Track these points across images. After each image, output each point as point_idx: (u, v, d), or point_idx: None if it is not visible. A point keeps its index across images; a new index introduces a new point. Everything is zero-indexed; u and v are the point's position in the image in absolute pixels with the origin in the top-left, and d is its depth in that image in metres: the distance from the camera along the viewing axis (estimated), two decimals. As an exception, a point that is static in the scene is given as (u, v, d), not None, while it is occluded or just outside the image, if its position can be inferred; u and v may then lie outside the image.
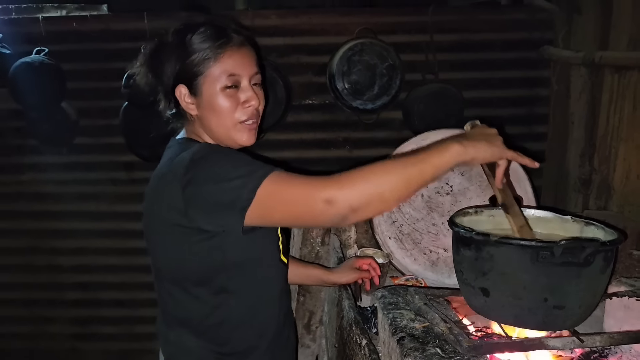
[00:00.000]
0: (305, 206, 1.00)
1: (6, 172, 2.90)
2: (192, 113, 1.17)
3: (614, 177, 2.11)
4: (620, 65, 2.08)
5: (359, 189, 0.98)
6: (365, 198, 0.98)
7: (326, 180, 1.00)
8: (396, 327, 1.11)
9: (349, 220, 1.01)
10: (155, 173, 1.17)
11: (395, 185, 0.99)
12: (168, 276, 1.19)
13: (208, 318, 1.18)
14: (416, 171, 1.00)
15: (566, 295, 1.02)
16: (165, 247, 1.15)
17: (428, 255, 1.72)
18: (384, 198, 1.00)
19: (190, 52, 1.13)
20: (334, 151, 2.85)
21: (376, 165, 1.01)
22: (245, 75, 1.16)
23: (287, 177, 1.03)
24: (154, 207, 1.14)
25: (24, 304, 3.05)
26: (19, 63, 2.57)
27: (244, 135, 1.17)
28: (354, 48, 2.56)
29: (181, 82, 1.14)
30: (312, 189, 1.00)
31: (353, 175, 1.00)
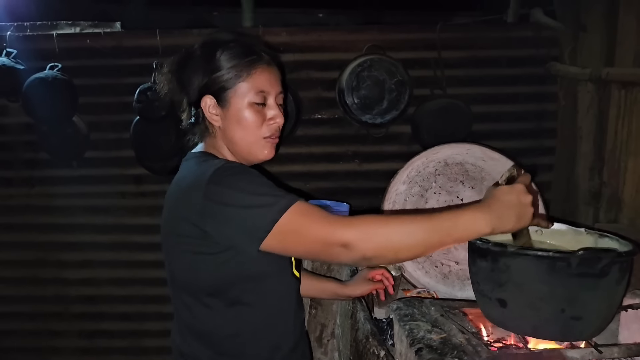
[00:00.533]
0: (322, 246, 1.02)
1: (16, 185, 2.92)
2: (216, 124, 1.19)
3: (624, 190, 2.12)
4: (627, 81, 2.11)
5: (377, 241, 1.00)
6: (380, 251, 1.01)
7: (347, 224, 1.01)
8: (413, 339, 1.11)
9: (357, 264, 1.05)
10: (173, 185, 1.19)
11: (413, 248, 1.01)
12: (183, 287, 1.19)
13: (222, 330, 1.18)
14: (437, 239, 1.01)
15: (583, 306, 1.03)
16: (181, 258, 1.16)
17: (440, 268, 1.72)
18: (398, 256, 1.03)
19: (220, 66, 1.16)
20: (343, 165, 2.86)
21: (399, 222, 1.02)
22: (272, 93, 1.20)
23: (307, 213, 1.04)
24: (172, 219, 1.15)
25: (31, 317, 3.04)
26: (32, 78, 2.61)
27: (265, 150, 1.21)
28: (363, 64, 2.59)
29: (208, 93, 1.17)
30: (331, 230, 1.01)
31: (374, 224, 1.02)
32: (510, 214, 1.01)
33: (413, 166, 1.72)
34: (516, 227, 1.02)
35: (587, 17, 2.36)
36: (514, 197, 1.02)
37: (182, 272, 1.18)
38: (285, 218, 1.01)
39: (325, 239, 1.01)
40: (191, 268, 1.15)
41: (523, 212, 1.02)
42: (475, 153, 1.70)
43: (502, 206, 1.01)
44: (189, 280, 1.17)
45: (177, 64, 1.21)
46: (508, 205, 1.01)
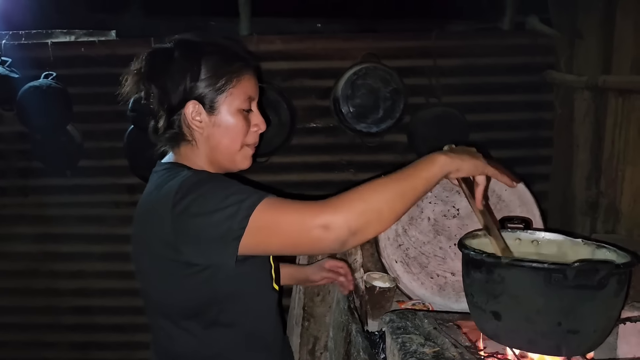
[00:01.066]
0: (302, 233, 0.97)
1: (10, 195, 2.90)
2: (198, 131, 1.12)
3: (622, 200, 2.09)
4: (624, 89, 2.09)
5: (356, 209, 0.97)
6: (363, 218, 0.97)
7: (321, 205, 0.98)
8: (406, 352, 1.09)
9: (348, 244, 0.98)
10: (141, 201, 1.13)
11: (391, 202, 1.00)
12: (157, 308, 1.15)
13: (200, 352, 1.13)
14: (409, 185, 1.02)
15: (580, 319, 1.00)
16: (154, 279, 1.11)
17: (435, 279, 1.69)
18: (382, 216, 0.99)
19: (207, 71, 1.11)
20: (337, 174, 2.85)
21: (369, 185, 1.01)
22: (256, 99, 1.18)
23: (280, 203, 1.00)
24: (143, 237, 1.10)
25: (22, 329, 3.00)
26: (27, 87, 2.59)
27: (246, 159, 1.18)
28: (358, 72, 2.58)
29: (193, 98, 1.10)
30: (306, 215, 0.97)
31: (348, 196, 0.99)
32: (464, 156, 1.07)
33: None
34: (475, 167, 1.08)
35: (584, 24, 2.35)
36: (458, 148, 1.12)
37: (156, 293, 1.13)
38: (257, 212, 0.97)
39: (302, 225, 0.97)
40: (166, 290, 1.09)
41: (474, 155, 1.09)
42: (470, 161, 1.68)
43: (453, 151, 1.09)
44: (164, 303, 1.12)
45: (151, 67, 1.12)
46: (460, 151, 1.10)
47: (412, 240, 1.69)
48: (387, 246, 1.68)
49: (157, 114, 1.14)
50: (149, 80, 1.13)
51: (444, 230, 1.70)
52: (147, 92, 1.13)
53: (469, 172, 1.08)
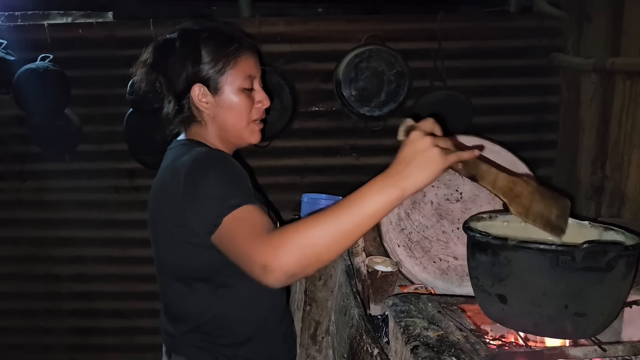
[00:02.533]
0: (246, 265, 0.99)
1: (7, 179, 2.88)
2: (206, 112, 1.22)
3: (627, 184, 2.07)
4: (633, 71, 2.05)
5: (294, 254, 0.93)
6: (300, 263, 0.93)
7: (264, 244, 0.96)
8: (409, 336, 1.07)
9: (288, 283, 0.98)
10: (159, 175, 1.23)
11: (331, 244, 0.93)
12: (171, 272, 1.24)
13: (209, 311, 1.22)
14: (350, 224, 0.93)
15: (587, 301, 0.98)
16: (168, 246, 1.20)
17: (438, 263, 1.67)
18: (321, 258, 0.94)
19: (207, 56, 1.19)
20: (340, 158, 2.82)
21: (306, 222, 0.95)
22: (257, 76, 1.26)
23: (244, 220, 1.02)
24: (159, 207, 1.20)
25: (22, 314, 3.00)
26: (23, 69, 2.56)
27: (254, 134, 1.28)
28: (361, 55, 2.54)
29: (197, 82, 1.20)
30: (252, 250, 0.97)
31: (287, 238, 0.94)
32: (414, 169, 0.91)
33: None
34: (428, 177, 0.91)
35: (592, 5, 2.31)
36: (409, 149, 0.92)
37: (170, 259, 1.23)
38: (229, 217, 1.02)
39: (246, 258, 0.98)
40: (180, 255, 1.19)
41: (426, 159, 0.91)
42: (475, 145, 1.65)
43: (403, 164, 0.92)
44: (178, 267, 1.22)
45: (155, 57, 1.22)
46: (408, 161, 0.92)
47: (414, 225, 1.67)
48: (389, 230, 1.66)
49: (166, 100, 1.26)
50: (155, 70, 1.23)
51: (447, 214, 1.68)
52: (155, 82, 1.24)
53: (428, 183, 0.93)
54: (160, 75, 1.23)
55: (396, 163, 0.94)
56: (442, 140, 0.94)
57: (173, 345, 1.29)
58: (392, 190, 0.91)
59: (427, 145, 0.91)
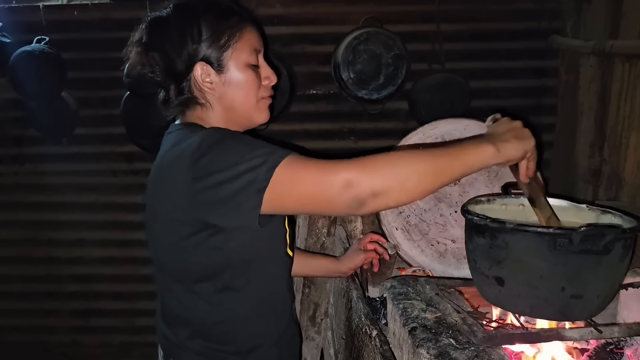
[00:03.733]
0: (323, 188, 0.92)
1: (5, 163, 2.88)
2: (210, 93, 1.10)
3: (625, 168, 2.07)
4: (632, 54, 2.04)
5: (384, 173, 0.91)
6: (388, 183, 0.91)
7: (347, 162, 0.93)
8: (407, 318, 1.08)
9: (366, 207, 0.92)
10: (157, 162, 1.10)
11: (422, 176, 0.93)
12: (169, 272, 1.13)
13: (211, 316, 1.12)
14: (447, 166, 0.94)
15: (584, 284, 0.99)
16: (167, 242, 1.09)
17: (435, 246, 1.69)
18: (408, 187, 0.93)
19: (207, 30, 1.07)
20: (338, 142, 2.82)
21: (405, 152, 0.94)
22: (261, 51, 1.15)
23: (305, 159, 0.95)
24: (158, 198, 1.08)
25: (23, 297, 3.02)
26: (19, 52, 2.54)
27: (263, 113, 1.16)
28: (360, 37, 2.52)
29: (200, 60, 1.08)
30: (331, 169, 0.92)
31: (377, 158, 0.93)
32: (509, 137, 0.97)
33: (409, 142, 1.67)
34: (519, 148, 0.97)
35: (592, -13, 2.28)
36: (505, 125, 1.01)
37: (169, 257, 1.11)
38: (283, 164, 0.93)
39: (326, 179, 0.91)
40: (180, 254, 1.07)
41: (520, 134, 0.99)
42: (473, 129, 1.65)
43: (498, 133, 0.99)
44: (177, 266, 1.10)
45: (150, 36, 1.09)
46: (503, 131, 0.99)
47: (412, 208, 1.68)
48: (387, 213, 1.67)
49: (165, 84, 1.11)
50: (151, 49, 1.09)
51: (444, 198, 1.68)
52: (152, 63, 1.09)
53: (519, 159, 0.99)
54: (158, 55, 1.08)
55: (493, 131, 1.00)
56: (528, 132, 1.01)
57: (172, 351, 1.18)
58: (489, 146, 0.96)
59: (520, 125, 1.01)
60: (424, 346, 0.96)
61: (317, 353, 1.90)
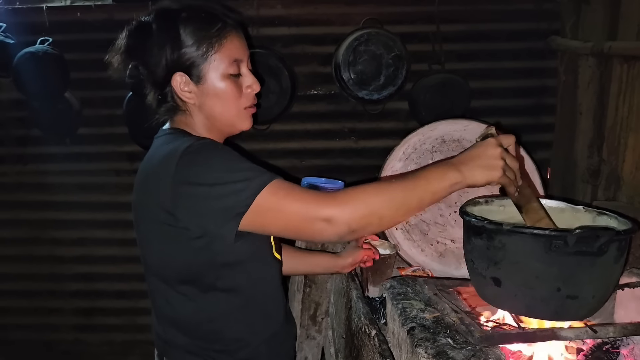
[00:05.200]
0: (304, 222, 0.99)
1: (8, 162, 2.89)
2: (190, 102, 1.11)
3: (623, 168, 2.09)
4: (630, 55, 2.06)
5: (360, 211, 0.99)
6: (364, 220, 0.99)
7: (328, 198, 0.99)
8: (406, 318, 1.10)
9: (343, 239, 1.02)
10: (143, 165, 1.12)
11: (394, 210, 1.00)
12: (156, 273, 1.15)
13: (198, 316, 1.14)
14: (415, 197, 1.00)
15: (579, 285, 1.00)
16: (152, 243, 1.12)
17: (435, 246, 1.70)
18: (382, 221, 1.01)
19: (187, 39, 1.07)
20: (339, 142, 2.83)
21: (376, 187, 1.02)
22: (244, 60, 1.14)
23: (288, 188, 1.01)
24: (143, 201, 1.10)
25: (26, 295, 3.05)
26: (22, 53, 2.56)
27: (246, 121, 1.16)
28: (360, 38, 2.54)
29: (178, 70, 1.08)
30: (312, 205, 0.99)
31: (353, 195, 1.00)
32: (475, 165, 1.00)
33: (409, 143, 1.69)
34: (484, 178, 1.00)
35: (590, -12, 2.30)
36: (481, 150, 1.01)
37: (154, 258, 1.13)
38: (263, 195, 0.97)
39: (307, 215, 0.98)
40: (163, 255, 1.10)
41: (489, 164, 1.00)
42: (473, 129, 1.67)
43: (468, 158, 1.01)
44: (161, 267, 1.13)
45: (130, 43, 1.10)
46: (473, 157, 1.01)
47: (412, 208, 1.69)
48: (387, 214, 1.68)
49: (147, 91, 1.14)
50: (131, 57, 1.11)
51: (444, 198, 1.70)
52: (132, 73, 1.12)
53: (480, 183, 1.01)
54: (138, 63, 1.11)
55: (465, 155, 1.03)
56: (510, 158, 1.02)
57: (164, 350, 1.20)
58: (455, 174, 1.00)
59: (495, 154, 1.00)
60: (422, 346, 0.98)
61: (317, 352, 1.92)
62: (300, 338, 1.86)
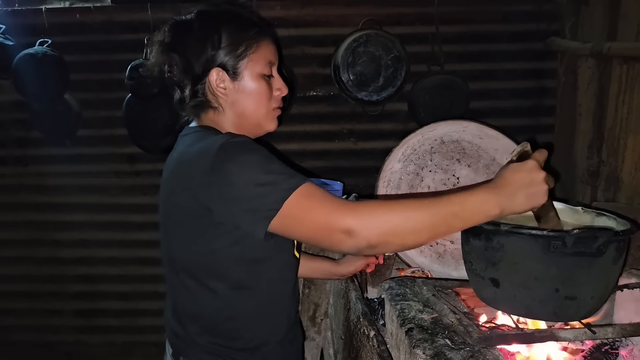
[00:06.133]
0: (325, 232, 0.97)
1: (9, 164, 2.89)
2: (223, 98, 1.15)
3: (623, 169, 2.09)
4: (629, 56, 2.06)
5: (381, 228, 0.95)
6: (384, 237, 0.95)
7: (351, 209, 0.96)
8: (404, 319, 1.10)
9: (363, 253, 1.00)
10: (171, 162, 1.15)
11: (419, 233, 0.96)
12: (184, 268, 1.16)
13: (220, 313, 1.16)
14: (444, 223, 0.95)
15: (578, 285, 1.00)
16: (183, 238, 1.12)
17: (434, 247, 1.70)
18: (405, 242, 0.97)
19: (227, 38, 1.13)
20: (338, 143, 2.83)
21: (405, 207, 0.96)
22: (276, 64, 1.20)
23: (313, 195, 0.99)
24: (174, 196, 1.11)
25: (27, 297, 3.04)
26: (22, 54, 2.56)
27: (272, 122, 1.20)
28: (359, 39, 2.54)
29: (216, 66, 1.13)
30: (335, 215, 0.96)
31: (379, 209, 0.96)
32: (520, 194, 0.94)
33: (408, 144, 1.69)
34: (527, 207, 0.96)
35: (590, -10, 2.30)
36: (524, 175, 0.95)
37: (183, 252, 1.14)
38: (290, 200, 0.97)
39: (328, 224, 0.96)
40: (195, 249, 1.11)
41: (534, 191, 0.95)
42: (472, 130, 1.67)
43: (511, 185, 0.95)
44: (191, 262, 1.14)
45: (172, 38, 1.14)
46: (517, 185, 0.95)
47: (412, 209, 1.69)
48: (387, 215, 1.68)
49: (181, 84, 1.17)
50: (171, 50, 1.14)
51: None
52: (171, 63, 1.15)
53: (523, 211, 0.97)
54: (177, 56, 1.14)
55: (505, 183, 0.96)
56: (550, 178, 0.97)
57: (181, 349, 1.21)
58: (493, 206, 0.95)
59: (540, 180, 0.95)
60: (420, 346, 0.98)
61: (317, 353, 1.92)
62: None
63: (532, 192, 0.95)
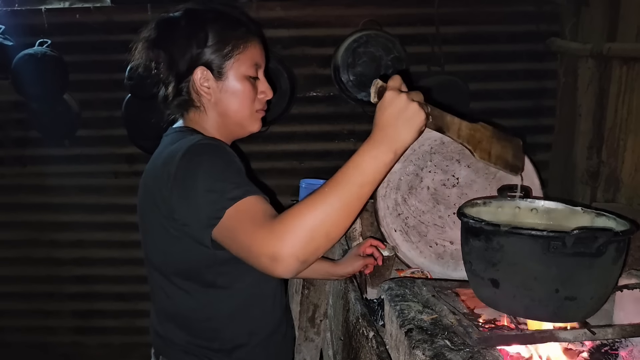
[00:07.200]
0: (251, 258, 0.93)
1: (7, 165, 2.89)
2: (206, 97, 1.14)
3: (622, 170, 2.09)
4: (629, 57, 2.06)
5: (300, 237, 0.88)
6: (310, 245, 0.89)
7: (268, 231, 0.90)
8: (404, 319, 1.09)
9: (300, 270, 0.92)
10: (151, 162, 1.16)
11: (337, 219, 0.91)
12: (158, 268, 1.17)
13: (197, 313, 1.16)
14: (354, 195, 0.91)
15: (578, 286, 1.00)
16: (155, 239, 1.14)
17: (434, 247, 1.70)
18: (331, 236, 0.92)
19: (214, 37, 1.12)
20: (338, 143, 2.83)
21: (309, 202, 0.91)
22: (262, 66, 1.20)
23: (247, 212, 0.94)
24: (147, 198, 1.13)
25: (24, 298, 3.04)
26: (21, 55, 2.56)
27: (256, 124, 1.21)
28: (359, 40, 2.54)
29: (201, 64, 1.12)
30: (256, 241, 0.90)
31: (289, 221, 0.90)
32: (399, 127, 0.91)
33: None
34: (414, 133, 0.92)
35: (590, -10, 2.30)
36: (390, 109, 0.91)
37: (156, 253, 1.16)
38: (231, 210, 0.94)
39: (252, 250, 0.91)
40: (165, 249, 1.12)
41: (408, 116, 0.91)
42: (471, 131, 1.66)
43: (387, 125, 0.91)
44: (163, 262, 1.15)
45: (158, 34, 1.13)
46: (391, 121, 0.91)
47: (411, 209, 1.69)
48: (386, 215, 1.68)
49: (166, 81, 1.16)
50: (157, 47, 1.14)
51: (443, 199, 1.70)
52: (156, 60, 1.14)
53: (413, 139, 0.93)
54: (162, 53, 1.13)
55: (380, 127, 0.93)
56: (414, 94, 0.94)
57: (161, 348, 1.21)
58: (386, 155, 0.92)
59: (405, 103, 0.91)
60: (419, 347, 0.97)
61: (316, 354, 1.92)
62: (298, 340, 1.86)
63: (408, 117, 0.91)
